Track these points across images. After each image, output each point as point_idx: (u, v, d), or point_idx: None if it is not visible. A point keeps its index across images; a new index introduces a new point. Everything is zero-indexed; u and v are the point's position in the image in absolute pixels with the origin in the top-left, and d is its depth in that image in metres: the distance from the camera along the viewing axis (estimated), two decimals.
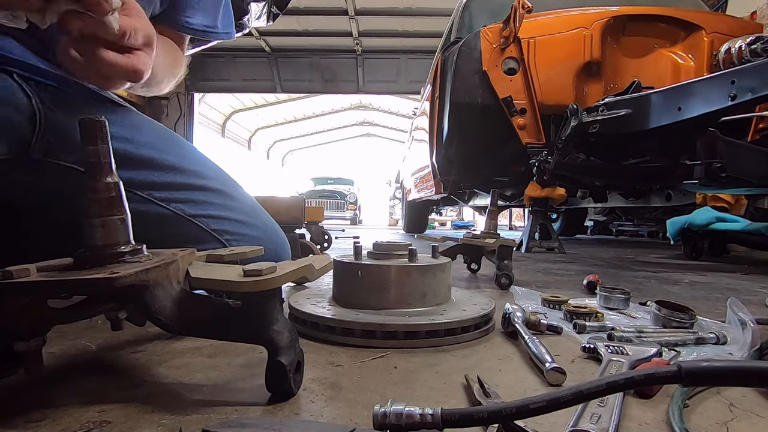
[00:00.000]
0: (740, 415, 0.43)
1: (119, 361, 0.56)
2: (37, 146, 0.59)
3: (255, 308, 0.43)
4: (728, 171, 1.64)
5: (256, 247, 0.65)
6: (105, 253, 0.43)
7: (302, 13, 7.30)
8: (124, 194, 0.44)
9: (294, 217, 1.40)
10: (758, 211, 2.74)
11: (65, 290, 0.41)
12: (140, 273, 0.40)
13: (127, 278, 0.39)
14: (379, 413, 0.34)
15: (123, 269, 0.40)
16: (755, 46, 1.88)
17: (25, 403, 0.42)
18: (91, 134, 0.42)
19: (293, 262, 0.49)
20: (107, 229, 0.43)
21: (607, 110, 1.93)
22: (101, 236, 0.43)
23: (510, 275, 1.16)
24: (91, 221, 0.42)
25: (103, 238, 0.43)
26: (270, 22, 1.13)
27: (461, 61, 2.36)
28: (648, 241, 4.48)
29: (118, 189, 0.43)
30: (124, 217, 0.44)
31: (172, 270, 0.44)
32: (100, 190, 0.42)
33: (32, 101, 0.58)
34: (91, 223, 0.42)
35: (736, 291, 1.25)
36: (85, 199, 0.42)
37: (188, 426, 0.38)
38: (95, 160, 0.42)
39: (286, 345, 0.43)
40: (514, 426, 0.34)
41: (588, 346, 0.60)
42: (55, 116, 0.60)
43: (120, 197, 0.44)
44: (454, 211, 12.37)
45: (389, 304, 0.70)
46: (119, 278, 0.39)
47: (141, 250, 0.45)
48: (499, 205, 1.40)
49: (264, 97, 12.85)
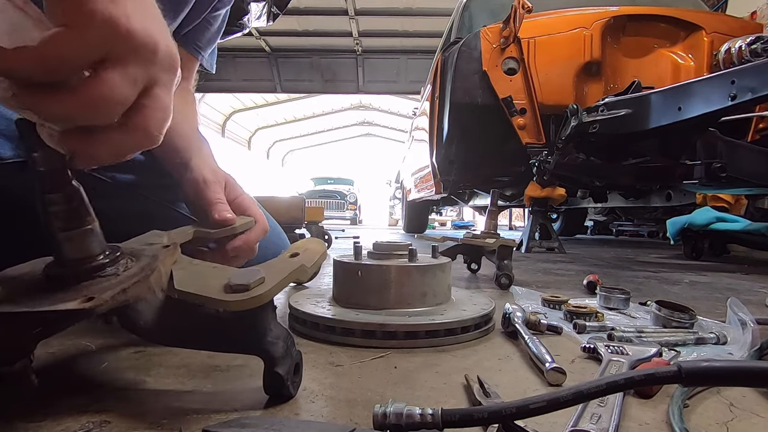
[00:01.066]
0: (740, 415, 0.43)
1: (119, 361, 0.56)
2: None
3: (246, 321, 0.41)
4: (728, 171, 1.65)
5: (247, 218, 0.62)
6: (78, 269, 0.37)
7: (302, 13, 7.31)
8: (86, 198, 0.38)
9: (294, 217, 1.41)
10: (758, 211, 2.74)
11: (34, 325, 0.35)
12: (118, 295, 0.36)
13: (104, 305, 0.35)
14: (379, 413, 0.34)
15: (99, 291, 0.36)
16: (755, 46, 1.88)
17: (25, 404, 0.42)
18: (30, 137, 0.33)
19: (283, 266, 0.45)
20: (74, 242, 0.37)
21: (607, 110, 1.93)
22: (70, 250, 0.37)
23: (510, 275, 1.16)
24: (56, 236, 0.36)
25: (73, 252, 0.37)
26: (270, 22, 1.13)
27: (461, 61, 2.36)
28: (648, 241, 4.49)
29: (79, 196, 0.36)
30: (93, 225, 0.38)
31: (154, 280, 0.40)
32: (58, 202, 0.35)
33: None
34: (56, 237, 0.36)
35: (736, 291, 1.25)
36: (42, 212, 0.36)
37: (188, 426, 0.38)
38: (45, 168, 0.34)
39: (281, 355, 0.42)
40: (514, 426, 0.34)
41: (588, 346, 0.60)
42: None
43: (83, 204, 0.37)
44: (454, 211, 12.38)
45: (389, 304, 0.70)
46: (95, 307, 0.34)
47: (118, 255, 0.40)
48: (499, 205, 1.40)
49: (264, 97, 12.86)
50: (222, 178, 0.62)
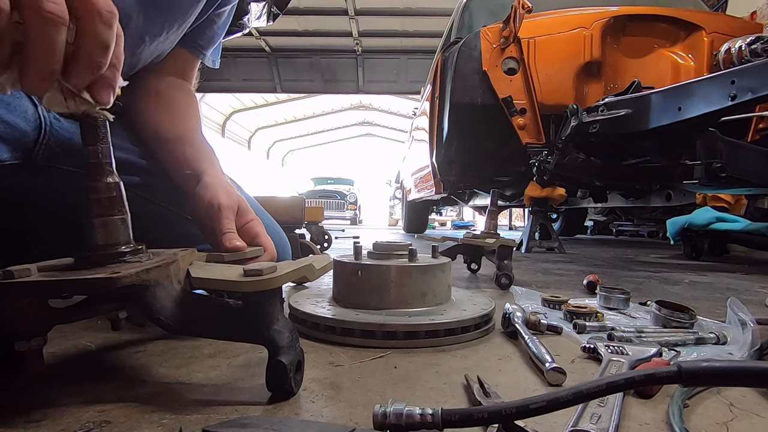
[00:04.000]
0: (740, 415, 0.43)
1: (119, 361, 0.56)
2: (40, 153, 0.59)
3: (255, 308, 0.43)
4: (728, 171, 1.64)
5: (256, 248, 0.65)
6: (106, 253, 0.42)
7: (302, 13, 7.31)
8: (125, 194, 0.44)
9: (294, 217, 1.40)
10: (758, 211, 2.74)
11: (66, 290, 0.41)
12: (141, 273, 0.40)
13: (128, 278, 0.39)
14: (379, 413, 0.34)
15: (124, 269, 0.40)
16: (755, 46, 1.87)
17: (25, 403, 0.42)
18: (91, 134, 0.42)
19: (293, 262, 0.49)
20: (108, 229, 0.43)
21: (607, 110, 1.92)
22: (102, 236, 0.43)
23: (510, 275, 1.16)
24: (92, 221, 0.42)
25: (104, 238, 0.43)
26: (270, 22, 1.13)
27: (461, 61, 2.36)
28: (648, 241, 4.48)
29: (118, 189, 0.43)
30: (125, 217, 0.44)
31: (173, 270, 0.44)
32: (101, 190, 0.42)
33: (38, 109, 0.58)
34: (91, 223, 0.42)
35: (736, 291, 1.25)
36: (85, 199, 0.42)
37: (188, 426, 0.38)
38: (95, 160, 0.42)
39: (286, 345, 0.43)
40: (514, 426, 0.34)
41: (588, 346, 0.60)
42: (60, 125, 0.61)
43: (121, 197, 0.44)
44: (454, 211, 12.37)
45: (389, 304, 0.70)
46: (120, 278, 0.39)
47: (142, 249, 0.45)
48: (499, 205, 1.40)
49: (264, 97, 12.86)
50: (235, 203, 0.61)
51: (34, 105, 0.57)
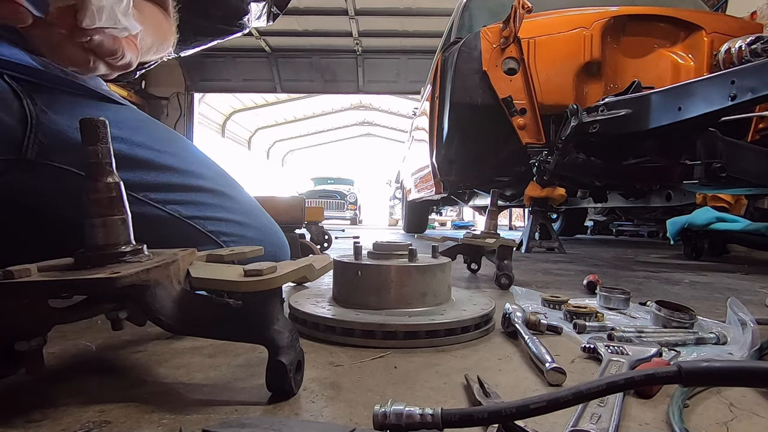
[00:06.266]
0: (740, 415, 0.43)
1: (119, 361, 0.56)
2: (29, 148, 0.59)
3: (255, 308, 0.43)
4: (728, 171, 1.64)
5: (256, 247, 0.65)
6: (106, 253, 0.43)
7: (302, 13, 7.30)
8: (125, 194, 0.44)
9: (294, 217, 1.40)
10: (758, 211, 2.74)
11: (66, 290, 0.41)
12: (141, 273, 0.40)
13: (128, 278, 0.39)
14: (379, 413, 0.34)
15: (124, 269, 0.40)
16: (755, 46, 1.87)
17: (25, 403, 0.42)
18: (92, 134, 0.42)
19: (293, 261, 0.49)
20: (108, 229, 0.43)
21: (607, 110, 1.92)
22: (102, 236, 0.43)
23: (510, 275, 1.16)
24: (92, 221, 0.42)
25: (104, 238, 0.43)
26: (270, 22, 1.13)
27: (461, 61, 2.36)
28: (648, 241, 4.48)
29: (118, 189, 0.44)
30: (125, 217, 0.44)
31: (173, 270, 0.44)
32: (101, 190, 0.43)
33: (23, 102, 0.57)
34: (92, 223, 0.42)
35: (736, 291, 1.25)
36: (85, 199, 0.42)
37: (188, 426, 0.38)
38: (95, 160, 0.42)
39: (286, 345, 0.43)
40: (514, 426, 0.34)
41: (588, 346, 0.60)
42: (47, 117, 0.59)
43: (121, 197, 0.44)
44: (454, 211, 12.37)
45: (389, 304, 0.70)
46: (120, 278, 0.39)
47: (141, 250, 0.45)
48: (499, 205, 1.40)
49: (264, 97, 12.85)
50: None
51: (19, 98, 0.57)
